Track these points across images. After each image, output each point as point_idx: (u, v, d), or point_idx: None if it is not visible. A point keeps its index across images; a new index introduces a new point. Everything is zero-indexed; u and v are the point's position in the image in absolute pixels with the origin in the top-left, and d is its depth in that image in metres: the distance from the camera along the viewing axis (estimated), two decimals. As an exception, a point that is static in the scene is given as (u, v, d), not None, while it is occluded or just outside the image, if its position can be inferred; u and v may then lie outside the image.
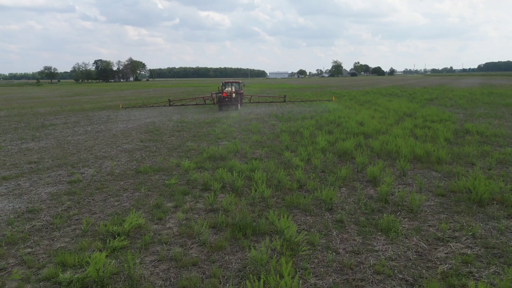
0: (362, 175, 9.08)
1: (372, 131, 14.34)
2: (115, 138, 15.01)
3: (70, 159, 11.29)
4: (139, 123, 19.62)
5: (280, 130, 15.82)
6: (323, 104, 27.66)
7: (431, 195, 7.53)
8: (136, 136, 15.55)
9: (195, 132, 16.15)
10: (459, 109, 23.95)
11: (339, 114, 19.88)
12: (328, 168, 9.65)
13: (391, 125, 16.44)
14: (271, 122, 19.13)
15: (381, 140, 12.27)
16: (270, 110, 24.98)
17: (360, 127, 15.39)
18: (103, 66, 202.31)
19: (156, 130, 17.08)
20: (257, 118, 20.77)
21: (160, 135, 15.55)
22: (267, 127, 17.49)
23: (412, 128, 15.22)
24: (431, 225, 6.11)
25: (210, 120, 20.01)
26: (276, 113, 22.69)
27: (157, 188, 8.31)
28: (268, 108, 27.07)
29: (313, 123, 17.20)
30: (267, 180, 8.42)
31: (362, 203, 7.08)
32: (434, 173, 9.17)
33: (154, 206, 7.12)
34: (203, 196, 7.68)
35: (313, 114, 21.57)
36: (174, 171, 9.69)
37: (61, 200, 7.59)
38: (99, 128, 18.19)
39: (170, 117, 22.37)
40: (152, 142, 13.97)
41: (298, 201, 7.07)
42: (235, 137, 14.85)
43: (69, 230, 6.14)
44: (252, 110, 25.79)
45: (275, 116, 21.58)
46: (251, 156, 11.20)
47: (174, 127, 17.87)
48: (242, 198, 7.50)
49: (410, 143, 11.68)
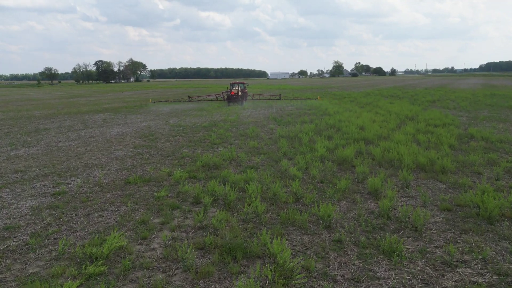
0: (363, 186, 8.60)
1: (373, 137, 13.86)
2: (108, 144, 14.56)
3: (58, 168, 10.83)
4: (134, 127, 19.17)
5: (278, 135, 15.35)
6: (321, 106, 27.17)
7: (436, 210, 7.05)
8: (130, 141, 15.10)
9: (191, 137, 15.69)
10: (462, 111, 23.45)
11: (340, 118, 19.40)
12: (327, 178, 9.17)
13: (392, 129, 15.95)
14: (269, 126, 18.66)
15: (383, 147, 11.78)
16: (269, 113, 24.52)
17: (361, 132, 14.91)
18: (104, 67, 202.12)
19: (151, 135, 16.63)
20: (255, 122, 20.30)
21: (154, 141, 15.09)
22: (265, 131, 17.02)
23: (415, 133, 14.73)
24: (438, 246, 5.63)
25: (207, 124, 19.55)
26: (275, 117, 22.23)
27: (145, 201, 7.85)
28: (267, 111, 26.61)
29: (313, 127, 16.73)
30: (262, 192, 7.96)
31: (362, 219, 6.60)
32: (439, 183, 8.68)
33: (140, 223, 6.65)
34: (193, 210, 7.21)
35: (313, 117, 21.09)
36: (165, 182, 9.23)
37: (41, 215, 7.13)
38: (93, 132, 17.74)
39: (167, 120, 21.91)
40: (145, 148, 13.51)
41: (294, 217, 6.60)
42: (231, 142, 14.38)
43: (45, 251, 5.68)
44: (251, 113, 25.33)
45: (274, 119, 21.11)
46: (247, 164, 10.73)
47: (170, 132, 17.41)
48: (234, 213, 7.04)
49: (413, 150, 11.20)
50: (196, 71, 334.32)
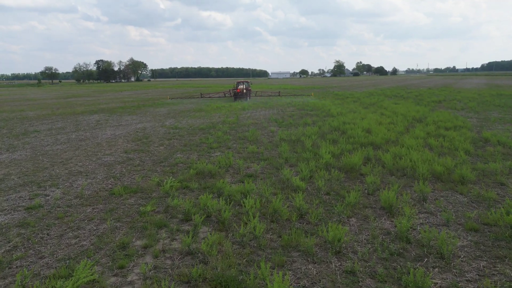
0: (374, 199, 7.68)
1: (381, 141, 12.93)
2: (98, 148, 13.66)
3: (40, 176, 9.93)
4: (128, 130, 18.28)
5: (280, 138, 14.44)
6: (324, 107, 26.22)
7: (461, 230, 6.12)
8: (121, 145, 14.20)
9: (187, 141, 14.78)
10: (470, 112, 22.49)
11: (344, 120, 18.47)
12: (333, 189, 8.25)
13: (401, 133, 15.02)
14: (270, 128, 17.74)
15: (393, 153, 10.85)
16: (270, 114, 23.59)
17: (367, 135, 13.98)
18: (104, 67, 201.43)
19: (145, 138, 15.72)
20: (256, 124, 19.39)
21: (148, 144, 14.18)
22: (266, 134, 16.11)
23: (425, 137, 13.79)
24: (470, 279, 4.71)
25: (205, 126, 18.64)
26: (276, 118, 21.30)
27: (129, 217, 6.94)
28: (268, 111, 25.68)
29: (316, 130, 15.80)
30: (261, 207, 7.04)
31: (377, 242, 5.69)
32: (459, 196, 7.76)
33: (119, 246, 5.74)
34: (181, 230, 6.30)
35: (316, 119, 20.16)
36: (153, 193, 8.32)
37: (8, 235, 6.23)
38: (84, 135, 16.84)
39: (163, 122, 21.00)
40: (137, 153, 12.61)
41: (298, 240, 5.68)
42: (229, 146, 13.47)
43: (2, 285, 4.78)
44: (252, 114, 24.41)
45: (275, 121, 20.19)
46: (245, 172, 9.82)
47: (165, 134, 16.50)
48: (228, 233, 6.13)
49: (426, 156, 10.26)
50: (197, 71, 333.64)
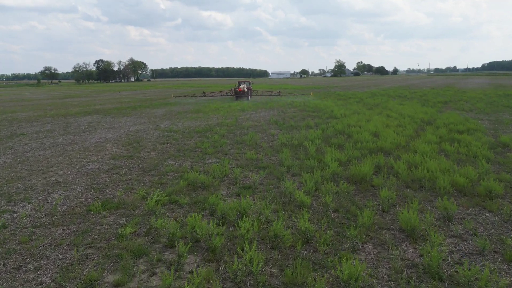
0: (391, 217, 6.65)
1: (390, 146, 11.89)
2: (84, 154, 12.63)
3: (13, 187, 8.90)
4: (120, 133, 17.24)
5: (281, 143, 13.40)
6: (326, 108, 25.17)
7: (500, 261, 5.09)
8: (110, 150, 13.17)
9: (181, 145, 13.74)
10: (480, 114, 21.45)
11: (348, 122, 17.43)
12: (343, 205, 7.21)
13: (411, 137, 13.98)
14: (270, 131, 16.71)
15: (406, 161, 9.81)
16: (270, 116, 22.54)
17: (375, 139, 12.95)
18: (104, 67, 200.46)
19: (136, 142, 14.69)
20: (255, 126, 18.35)
21: (138, 149, 13.15)
22: (266, 137, 15.07)
23: (438, 141, 12.75)
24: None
25: (201, 129, 17.60)
26: (277, 120, 20.27)
27: (104, 241, 5.91)
28: (268, 113, 24.64)
29: (319, 133, 14.75)
30: (260, 230, 6.01)
31: (402, 280, 4.65)
32: (489, 214, 6.72)
33: (85, 284, 4.71)
34: (164, 260, 5.27)
35: (318, 121, 19.10)
36: (137, 209, 7.29)
37: (-44, 267, 5.20)
38: (72, 139, 15.81)
39: (158, 124, 19.96)
40: (125, 160, 11.57)
41: (304, 277, 4.65)
42: (226, 152, 12.44)
43: None
44: (251, 115, 23.37)
45: (276, 123, 19.16)
46: (242, 183, 8.78)
47: (159, 138, 15.47)
48: (220, 265, 5.09)
49: (444, 165, 9.21)
50: (197, 71, 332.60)
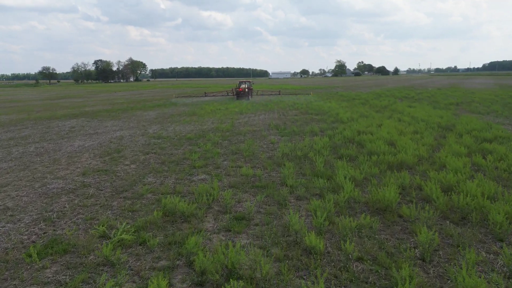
0: (438, 271, 4.80)
1: (412, 159, 10.04)
2: (52, 167, 10.80)
3: None
4: (102, 140, 15.41)
5: (282, 154, 11.56)
6: (330, 110, 23.32)
7: None
8: (84, 162, 11.34)
9: (167, 156, 11.91)
10: (500, 117, 19.61)
11: (357, 127, 15.58)
12: (368, 250, 5.37)
13: (432, 146, 12.14)
14: (270, 138, 14.88)
15: (437, 181, 7.95)
16: (270, 119, 20.70)
17: (393, 150, 11.12)
18: (103, 67, 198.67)
19: (117, 151, 12.86)
20: (253, 132, 16.51)
21: (117, 162, 11.33)
22: (265, 146, 13.25)
23: (467, 153, 10.91)
24: None
25: (193, 135, 15.76)
26: (277, 124, 18.44)
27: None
28: (268, 115, 22.80)
29: (326, 142, 12.91)
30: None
31: None
32: None
33: None
34: None
35: (323, 126, 17.23)
36: (90, 255, 5.45)
37: None
38: (46, 147, 13.97)
39: (147, 129, 18.13)
40: (97, 176, 9.74)
41: None
42: (218, 165, 10.61)
43: None
44: (249, 119, 21.53)
45: (276, 128, 17.32)
46: (235, 211, 6.95)
47: (144, 146, 13.64)
48: None
49: (488, 188, 7.36)
50: (197, 71, 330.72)
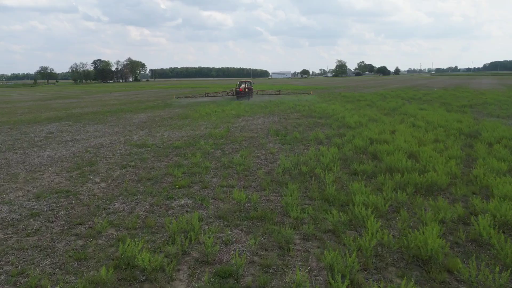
0: None
1: (444, 178, 8.12)
2: (6, 186, 8.89)
3: None
4: (78, 148, 13.52)
5: (283, 168, 9.65)
6: (335, 113, 21.41)
7: None
8: (46, 179, 9.44)
9: (147, 171, 10.02)
10: (524, 122, 17.70)
11: (369, 134, 13.67)
12: None
13: (462, 160, 10.22)
14: (269, 146, 13.00)
15: (490, 213, 6.04)
16: (270, 123, 18.79)
17: (416, 165, 9.23)
18: (102, 66, 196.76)
19: (90, 164, 10.97)
20: (250, 139, 14.62)
21: (85, 178, 9.43)
22: (263, 157, 11.37)
23: (509, 169, 8.99)
24: None
25: (182, 143, 13.87)
26: (278, 129, 16.54)
27: None
28: (268, 119, 20.89)
29: (334, 152, 11.01)
30: None
31: None
32: None
33: None
34: None
35: (329, 133, 15.30)
36: None
37: None
38: (10, 158, 12.07)
39: (131, 135, 16.22)
40: (54, 200, 7.85)
41: None
42: (206, 184, 8.71)
43: None
44: (247, 123, 19.62)
45: (276, 134, 15.42)
46: (219, 263, 5.05)
47: (123, 157, 11.76)
48: None
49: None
50: (197, 71, 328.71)
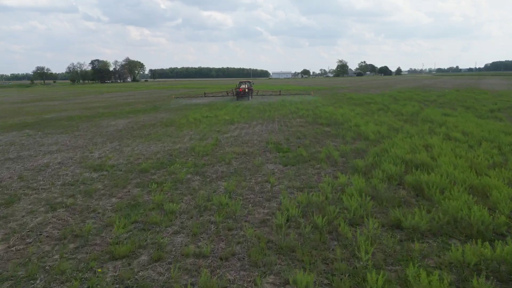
0: None
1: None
2: None
3: None
4: (12, 171, 10.16)
5: (286, 218, 6.28)
6: (346, 119, 18.01)
7: None
8: None
9: (83, 217, 6.67)
10: None
11: (399, 153, 10.27)
12: None
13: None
14: (267, 168, 9.66)
15: None
16: (269, 132, 15.40)
17: (495, 216, 5.87)
18: (100, 66, 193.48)
19: (8, 200, 7.63)
20: (242, 156, 11.26)
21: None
22: (257, 190, 8.01)
23: None
24: None
25: (153, 162, 10.51)
26: (278, 140, 13.19)
27: None
28: (267, 126, 17.50)
29: (360, 185, 7.63)
30: None
31: None
32: None
33: None
34: None
35: (344, 148, 11.83)
36: None
37: None
38: None
39: (94, 151, 12.86)
40: None
41: None
42: (162, 246, 5.36)
43: None
44: (241, 131, 16.24)
45: (276, 148, 12.07)
46: None
47: (63, 189, 8.40)
48: None
49: None
50: (197, 71, 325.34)
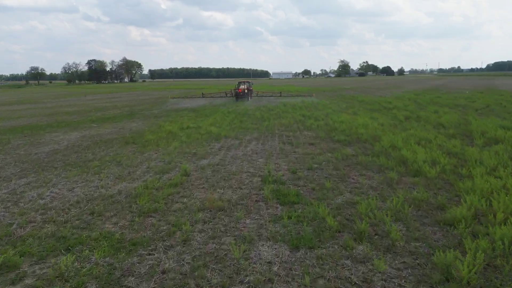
0: None
1: None
2: None
3: None
4: None
5: None
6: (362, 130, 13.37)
7: None
8: None
9: None
10: None
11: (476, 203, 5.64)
12: None
13: None
14: (259, 255, 5.03)
15: None
16: (267, 155, 10.71)
17: None
18: (96, 66, 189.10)
19: None
20: (217, 214, 6.62)
21: None
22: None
23: None
24: None
25: (47, 238, 5.89)
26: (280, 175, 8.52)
27: None
28: (264, 145, 12.80)
29: None
30: None
31: None
32: None
33: None
34: None
35: (396, 203, 7.18)
36: None
37: None
38: None
39: (27, 191, 8.25)
40: None
41: None
42: None
43: None
44: (227, 154, 11.56)
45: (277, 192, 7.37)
46: None
47: None
48: None
49: None
50: (197, 71, 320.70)
